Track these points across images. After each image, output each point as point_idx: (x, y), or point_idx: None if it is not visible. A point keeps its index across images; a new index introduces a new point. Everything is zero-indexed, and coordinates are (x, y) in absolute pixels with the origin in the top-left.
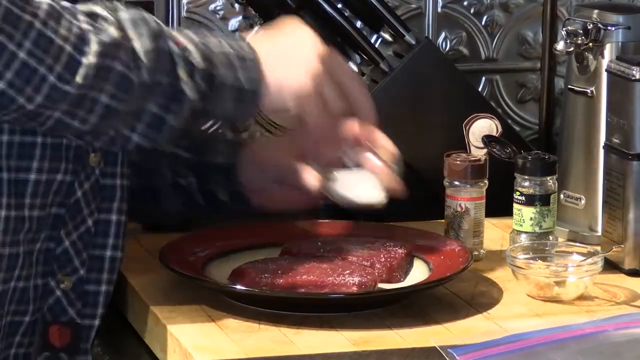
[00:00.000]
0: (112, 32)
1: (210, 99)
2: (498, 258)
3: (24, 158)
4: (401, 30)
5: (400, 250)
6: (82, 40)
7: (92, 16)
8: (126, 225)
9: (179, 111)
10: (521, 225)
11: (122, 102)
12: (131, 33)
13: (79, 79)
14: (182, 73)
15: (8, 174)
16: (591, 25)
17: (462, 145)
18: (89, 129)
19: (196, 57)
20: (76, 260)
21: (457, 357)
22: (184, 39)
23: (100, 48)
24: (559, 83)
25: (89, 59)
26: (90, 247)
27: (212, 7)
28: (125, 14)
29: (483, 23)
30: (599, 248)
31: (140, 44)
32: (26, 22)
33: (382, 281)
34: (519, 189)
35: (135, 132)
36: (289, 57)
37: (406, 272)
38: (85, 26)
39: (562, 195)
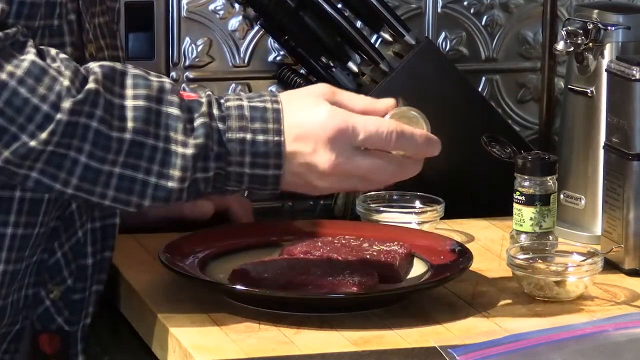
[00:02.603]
0: (91, 86)
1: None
2: (498, 258)
3: None
4: (401, 30)
5: (400, 250)
6: (59, 98)
7: (76, 72)
8: (117, 226)
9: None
10: (521, 225)
11: (103, 162)
12: (117, 89)
13: (45, 135)
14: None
15: (22, 192)
16: (591, 25)
17: (461, 145)
18: (72, 192)
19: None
20: (65, 270)
21: (457, 357)
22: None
23: (72, 105)
24: (559, 83)
25: (59, 115)
26: (79, 257)
27: (212, 7)
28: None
29: (483, 23)
30: (599, 248)
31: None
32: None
33: (382, 281)
34: (519, 189)
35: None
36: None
37: (406, 272)
38: (66, 83)
39: (562, 195)
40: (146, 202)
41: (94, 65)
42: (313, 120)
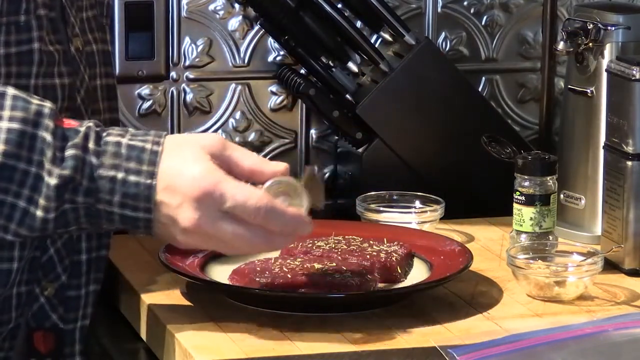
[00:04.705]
0: None
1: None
2: (498, 258)
3: None
4: (401, 30)
5: (400, 250)
6: None
7: None
8: None
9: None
10: (521, 225)
11: None
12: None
13: None
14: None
15: None
16: (591, 25)
17: (461, 145)
18: None
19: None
20: (59, 266)
21: (457, 357)
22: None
23: None
24: (559, 83)
25: None
26: (73, 253)
27: (212, 7)
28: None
29: (483, 23)
30: (599, 248)
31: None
32: None
33: (382, 281)
34: (519, 189)
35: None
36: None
37: (406, 272)
38: None
39: (562, 195)
40: (12, 226)
41: None
42: (186, 175)
